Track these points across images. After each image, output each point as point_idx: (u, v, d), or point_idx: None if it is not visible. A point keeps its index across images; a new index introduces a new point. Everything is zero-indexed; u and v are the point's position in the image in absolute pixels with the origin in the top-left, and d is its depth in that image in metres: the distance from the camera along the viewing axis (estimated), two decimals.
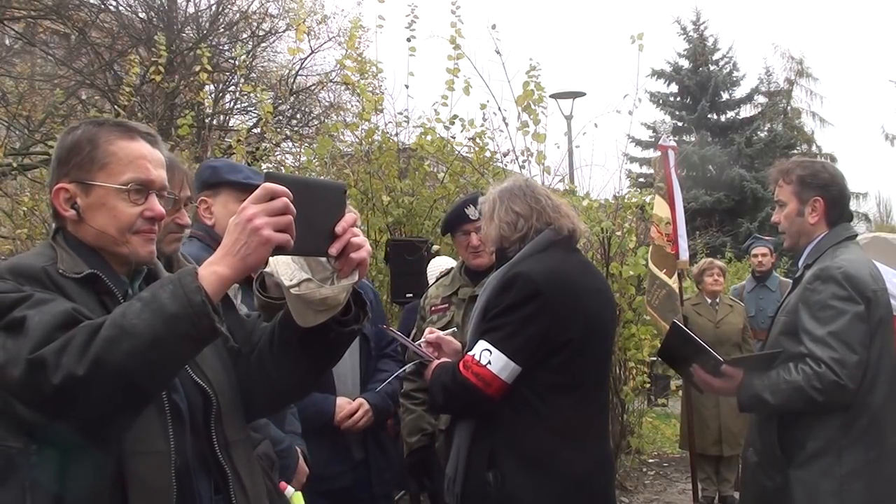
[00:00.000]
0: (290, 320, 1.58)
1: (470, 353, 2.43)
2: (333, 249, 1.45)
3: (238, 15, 14.17)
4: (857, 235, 2.80)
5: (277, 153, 11.09)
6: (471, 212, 3.31)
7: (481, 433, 2.45)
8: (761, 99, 26.82)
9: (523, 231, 2.56)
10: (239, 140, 7.00)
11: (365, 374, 3.19)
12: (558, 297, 2.41)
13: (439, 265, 4.66)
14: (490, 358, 2.36)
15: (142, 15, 13.52)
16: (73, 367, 1.31)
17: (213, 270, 1.39)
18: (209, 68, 8.27)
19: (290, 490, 1.93)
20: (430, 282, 4.21)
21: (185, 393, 1.56)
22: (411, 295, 5.03)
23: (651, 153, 21.99)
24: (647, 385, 7.66)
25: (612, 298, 2.81)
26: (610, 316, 2.68)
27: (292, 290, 1.48)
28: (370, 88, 7.07)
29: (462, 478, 2.46)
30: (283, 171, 8.35)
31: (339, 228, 1.45)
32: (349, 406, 3.05)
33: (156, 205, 1.61)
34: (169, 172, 1.94)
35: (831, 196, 2.71)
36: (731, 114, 26.46)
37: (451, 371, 2.46)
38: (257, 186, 1.40)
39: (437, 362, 2.63)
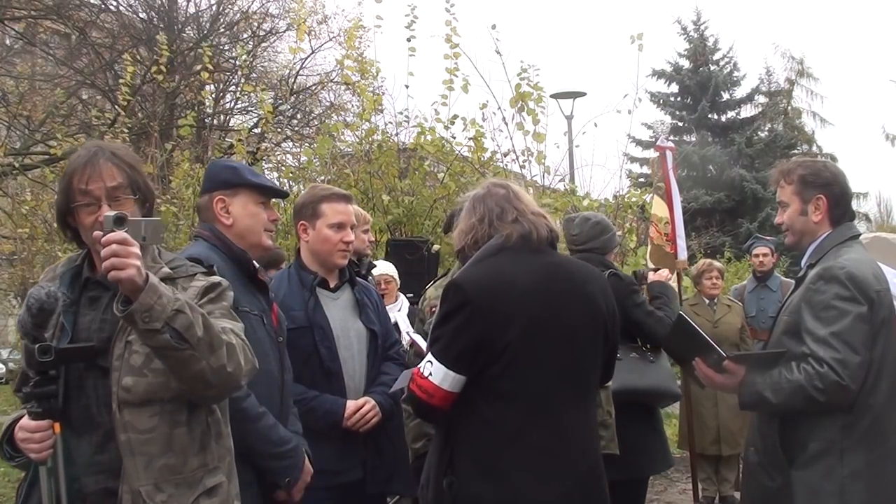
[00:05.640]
0: None
1: (418, 365, 2.45)
2: None
3: (238, 15, 14.20)
4: (860, 235, 2.78)
5: (277, 153, 11.10)
6: None
7: (445, 440, 2.46)
8: (762, 99, 26.84)
9: (464, 243, 2.54)
10: (240, 140, 7.00)
11: (371, 371, 3.20)
12: (489, 304, 2.36)
13: (381, 270, 4.65)
14: (431, 369, 2.36)
15: (142, 15, 13.56)
16: None
17: None
18: (210, 67, 8.27)
19: None
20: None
21: None
22: (411, 295, 5.03)
23: (651, 153, 21.98)
24: None
25: (584, 301, 2.52)
26: (576, 319, 2.46)
27: None
28: (370, 88, 7.07)
29: (432, 484, 2.46)
30: (283, 171, 8.35)
31: None
32: (359, 405, 3.06)
33: None
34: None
35: (834, 194, 2.70)
36: (731, 114, 26.44)
37: (409, 382, 2.48)
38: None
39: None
